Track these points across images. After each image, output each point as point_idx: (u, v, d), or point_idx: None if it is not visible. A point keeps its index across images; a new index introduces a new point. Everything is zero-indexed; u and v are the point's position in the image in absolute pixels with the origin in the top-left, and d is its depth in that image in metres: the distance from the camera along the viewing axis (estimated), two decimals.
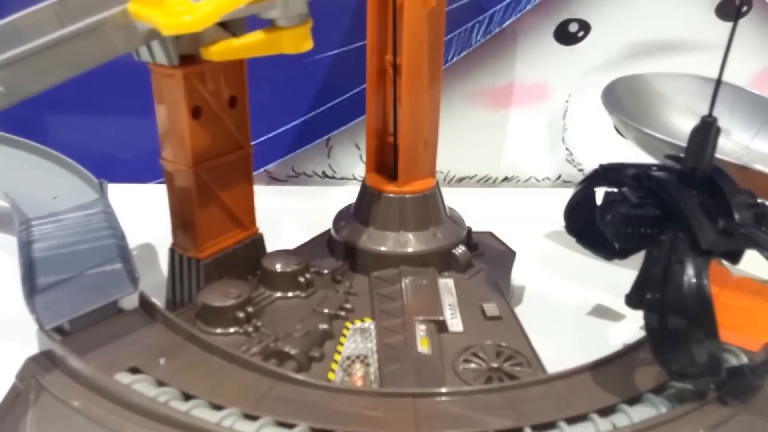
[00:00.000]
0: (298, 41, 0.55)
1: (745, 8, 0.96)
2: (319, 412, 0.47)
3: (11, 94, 0.41)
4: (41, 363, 0.50)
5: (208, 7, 0.46)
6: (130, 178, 0.98)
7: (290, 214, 0.92)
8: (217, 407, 0.46)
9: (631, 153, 0.77)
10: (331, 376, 0.55)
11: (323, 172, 1.06)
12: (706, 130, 0.49)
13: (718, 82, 0.49)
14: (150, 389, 0.47)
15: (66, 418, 0.46)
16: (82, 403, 0.46)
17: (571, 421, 0.47)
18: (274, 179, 1.05)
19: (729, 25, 0.49)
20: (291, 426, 0.45)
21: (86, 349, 0.50)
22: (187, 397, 0.48)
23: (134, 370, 0.49)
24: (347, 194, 0.84)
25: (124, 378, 0.48)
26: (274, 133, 1.02)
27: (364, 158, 1.02)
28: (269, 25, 0.54)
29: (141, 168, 1.01)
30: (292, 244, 0.74)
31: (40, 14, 0.47)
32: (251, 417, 0.46)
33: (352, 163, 1.05)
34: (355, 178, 1.06)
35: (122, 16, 0.47)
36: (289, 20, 0.53)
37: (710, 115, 0.49)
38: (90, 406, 0.46)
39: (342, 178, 1.06)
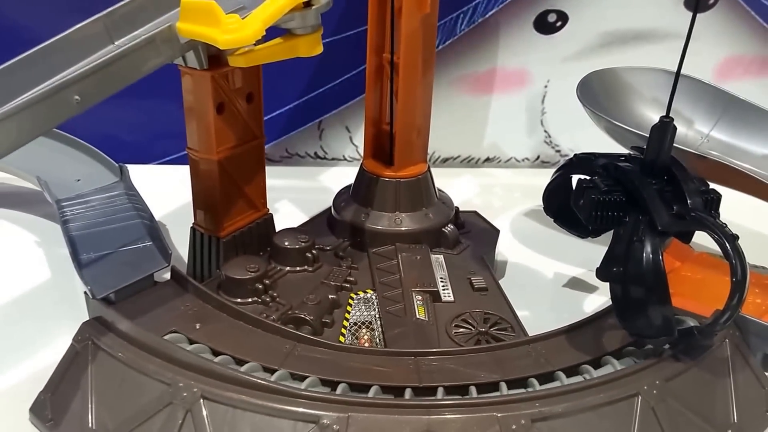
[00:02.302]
0: (311, 46, 0.59)
1: (711, 1, 1.02)
2: (337, 368, 0.52)
3: (84, 102, 0.46)
4: (95, 327, 0.54)
5: (257, 23, 0.51)
6: (132, 159, 0.97)
7: (285, 192, 0.93)
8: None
9: (603, 136, 0.79)
10: (341, 339, 0.60)
11: (315, 153, 1.08)
12: (664, 128, 0.55)
13: (674, 89, 0.54)
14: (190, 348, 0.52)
15: (122, 373, 0.51)
16: (136, 360, 0.51)
17: (544, 376, 0.53)
18: (268, 160, 1.03)
19: (696, 16, 0.53)
20: (304, 378, 0.51)
21: (132, 316, 0.55)
22: (218, 355, 0.53)
23: (175, 333, 0.54)
24: (338, 174, 0.86)
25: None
26: (269, 116, 0.99)
27: (354, 140, 1.07)
28: (286, 33, 0.59)
29: (140, 149, 1.04)
30: (288, 221, 0.77)
31: (91, 28, 0.51)
32: (271, 370, 0.51)
33: (343, 144, 1.08)
34: (345, 159, 1.08)
35: (168, 31, 0.51)
36: (305, 29, 0.58)
37: (668, 115, 0.54)
38: (143, 362, 0.51)
39: (333, 159, 1.08)
